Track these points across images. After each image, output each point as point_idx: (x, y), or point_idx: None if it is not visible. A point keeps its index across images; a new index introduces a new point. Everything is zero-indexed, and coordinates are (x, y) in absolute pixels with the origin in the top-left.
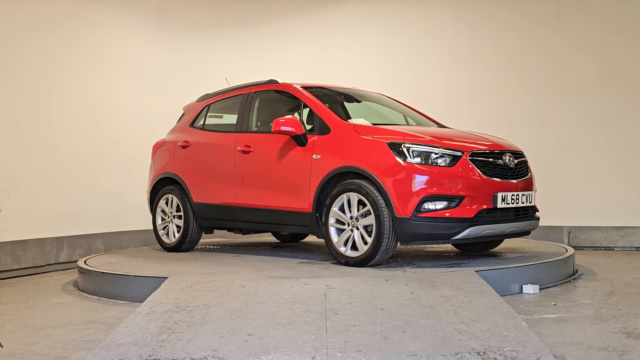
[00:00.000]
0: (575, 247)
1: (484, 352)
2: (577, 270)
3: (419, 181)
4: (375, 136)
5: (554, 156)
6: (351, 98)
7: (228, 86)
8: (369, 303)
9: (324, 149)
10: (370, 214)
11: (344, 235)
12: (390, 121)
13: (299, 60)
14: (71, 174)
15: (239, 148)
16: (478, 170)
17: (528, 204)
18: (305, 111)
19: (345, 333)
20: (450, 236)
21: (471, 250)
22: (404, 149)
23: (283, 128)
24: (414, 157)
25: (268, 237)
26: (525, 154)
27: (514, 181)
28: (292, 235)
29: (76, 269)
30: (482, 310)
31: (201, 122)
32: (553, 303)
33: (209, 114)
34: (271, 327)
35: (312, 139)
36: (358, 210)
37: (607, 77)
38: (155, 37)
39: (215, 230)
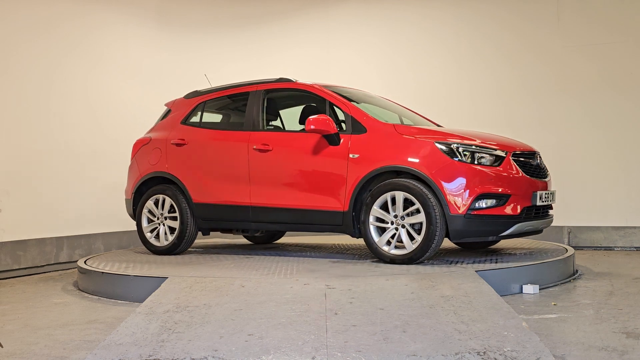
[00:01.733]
0: (575, 247)
1: (484, 352)
2: (577, 270)
3: (473, 180)
4: (417, 136)
5: (554, 156)
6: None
7: (208, 82)
8: (369, 303)
9: (362, 148)
10: (419, 212)
11: (387, 234)
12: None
13: (299, 60)
14: (71, 174)
15: (254, 147)
16: (520, 170)
17: (549, 202)
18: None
19: (345, 333)
20: (499, 232)
21: (472, 247)
22: (454, 149)
23: (318, 127)
24: (464, 156)
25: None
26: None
27: (545, 180)
28: (268, 236)
29: (76, 269)
30: (482, 310)
31: (197, 120)
32: (553, 303)
33: (205, 111)
34: (271, 327)
35: (346, 138)
36: (404, 209)
37: (607, 77)
38: (155, 37)
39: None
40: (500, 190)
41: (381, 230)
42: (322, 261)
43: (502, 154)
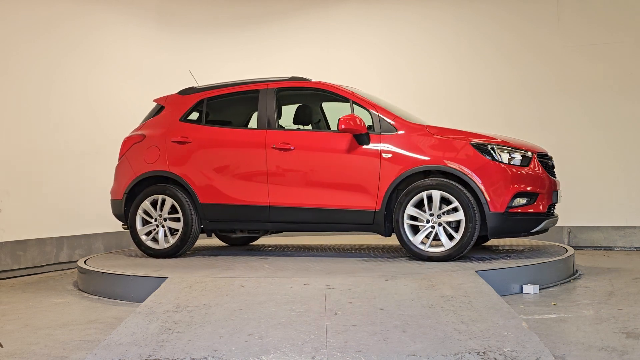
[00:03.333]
0: (575, 247)
1: (484, 352)
2: (577, 270)
3: (511, 179)
4: (450, 137)
5: (554, 156)
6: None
7: (194, 79)
8: (368, 303)
9: (395, 148)
10: (455, 210)
11: (423, 232)
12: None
13: (299, 60)
14: (71, 174)
15: (274, 145)
16: (545, 170)
17: (559, 201)
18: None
19: (345, 333)
20: (530, 229)
21: None
22: (489, 149)
23: (350, 127)
24: (500, 157)
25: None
26: None
27: (557, 180)
28: (247, 238)
29: (76, 269)
30: (482, 310)
31: (198, 117)
32: (553, 303)
33: (207, 108)
34: (271, 327)
35: (375, 137)
36: (440, 208)
37: (607, 77)
38: (155, 37)
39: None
40: (530, 188)
41: (413, 229)
42: (322, 261)
43: (529, 155)
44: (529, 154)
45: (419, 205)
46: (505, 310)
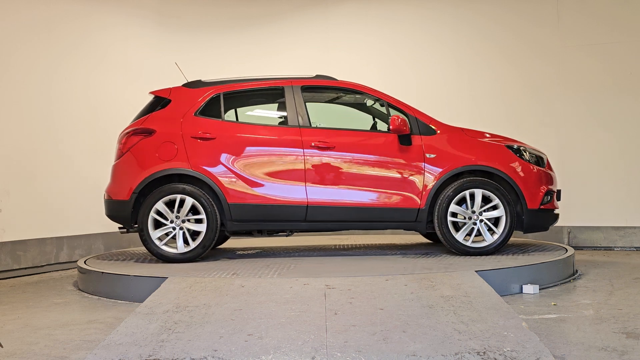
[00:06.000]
0: (575, 247)
1: (484, 352)
2: (577, 270)
3: (542, 178)
4: (485, 139)
5: (554, 156)
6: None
7: (181, 72)
8: (368, 303)
9: (437, 149)
10: (496, 207)
11: (466, 229)
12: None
13: (298, 60)
14: (72, 174)
15: (313, 144)
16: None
17: None
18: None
19: (345, 333)
20: (551, 224)
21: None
22: (522, 151)
23: (397, 127)
24: (529, 158)
25: (255, 241)
26: None
27: None
28: (219, 239)
29: (76, 269)
30: (482, 310)
31: (217, 112)
32: (553, 303)
33: (225, 103)
34: (271, 327)
35: (416, 138)
36: (481, 206)
37: (607, 77)
38: (156, 38)
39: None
40: (551, 187)
41: (453, 225)
42: (322, 261)
43: (544, 157)
44: (544, 156)
45: (460, 203)
46: (505, 310)
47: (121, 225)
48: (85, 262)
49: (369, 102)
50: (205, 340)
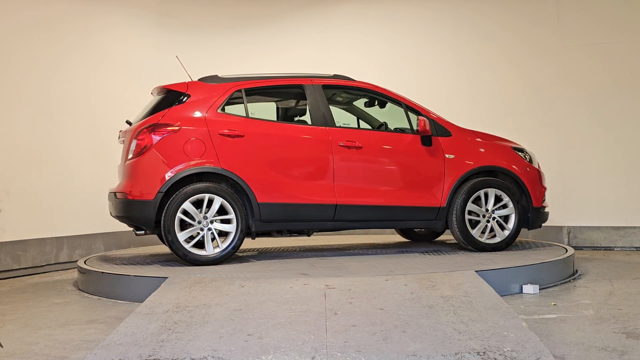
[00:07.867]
0: (575, 247)
1: (484, 352)
2: (577, 270)
3: (541, 178)
4: (494, 141)
5: (554, 156)
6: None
7: (181, 65)
8: (368, 303)
9: (454, 150)
10: (506, 206)
11: (481, 226)
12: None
13: (298, 60)
14: (71, 174)
15: (341, 143)
16: None
17: None
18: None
19: (345, 333)
20: (545, 221)
21: (419, 240)
22: (524, 152)
23: (424, 128)
24: (530, 159)
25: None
26: None
27: None
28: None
29: (76, 269)
30: (482, 310)
31: (240, 109)
32: (553, 303)
33: (247, 101)
34: (271, 327)
35: (435, 140)
36: (494, 204)
37: (607, 77)
38: (156, 38)
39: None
40: (546, 186)
41: (470, 223)
42: (322, 261)
43: (534, 155)
44: (533, 154)
45: (475, 201)
46: (505, 310)
47: (138, 227)
48: (85, 262)
49: (386, 103)
50: (205, 340)
